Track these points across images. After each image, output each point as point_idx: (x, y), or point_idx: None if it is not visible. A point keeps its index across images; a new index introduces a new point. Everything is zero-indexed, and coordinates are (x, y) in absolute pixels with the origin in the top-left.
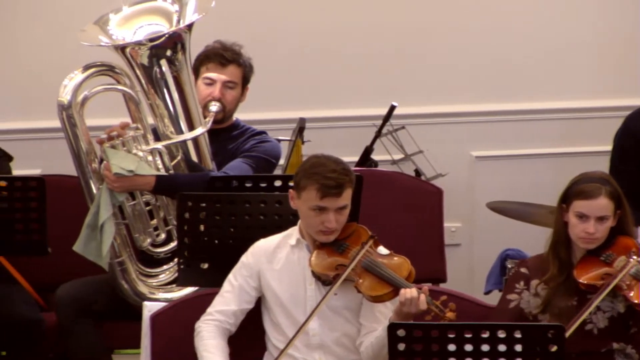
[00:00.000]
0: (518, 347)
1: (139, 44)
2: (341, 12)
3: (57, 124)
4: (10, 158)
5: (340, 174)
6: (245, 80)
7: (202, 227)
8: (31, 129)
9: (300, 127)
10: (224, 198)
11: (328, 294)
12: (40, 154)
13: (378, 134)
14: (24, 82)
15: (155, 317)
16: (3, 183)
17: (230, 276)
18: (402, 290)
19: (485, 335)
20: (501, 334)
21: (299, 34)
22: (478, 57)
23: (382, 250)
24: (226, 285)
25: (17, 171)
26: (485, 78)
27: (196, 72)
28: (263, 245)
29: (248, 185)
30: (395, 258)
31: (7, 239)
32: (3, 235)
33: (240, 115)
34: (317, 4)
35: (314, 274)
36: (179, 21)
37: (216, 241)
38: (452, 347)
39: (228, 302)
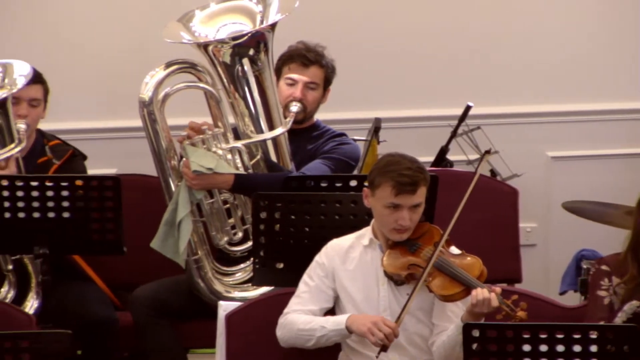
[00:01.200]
0: (593, 348)
1: (221, 42)
2: (418, 13)
3: (133, 123)
4: (84, 157)
5: (415, 171)
6: (327, 81)
7: (277, 227)
8: (107, 129)
9: (376, 127)
10: (299, 198)
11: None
12: (116, 153)
13: (454, 134)
14: (100, 81)
15: (231, 317)
16: (79, 182)
17: (306, 277)
18: (474, 291)
19: (561, 335)
20: (576, 335)
21: (376, 35)
22: (554, 57)
23: (454, 250)
24: (302, 286)
25: (92, 171)
26: (561, 78)
27: (278, 72)
28: (336, 245)
29: (324, 185)
30: (468, 258)
31: (83, 238)
32: (79, 235)
33: (317, 115)
34: (395, 6)
35: (386, 273)
36: (262, 21)
37: (291, 241)
38: (526, 348)
39: (305, 302)
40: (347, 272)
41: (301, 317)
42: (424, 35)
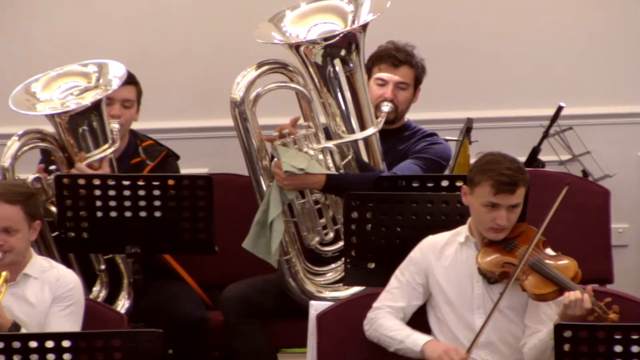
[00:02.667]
0: None
1: (313, 42)
2: (509, 14)
3: (225, 122)
4: (177, 157)
5: (515, 171)
6: (418, 81)
7: (369, 227)
8: (199, 128)
9: (468, 127)
10: (391, 198)
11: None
12: (208, 153)
13: (545, 135)
14: (193, 81)
15: (322, 317)
16: (171, 182)
17: (398, 272)
18: (567, 293)
19: None
20: None
21: (468, 35)
22: None
23: (549, 251)
24: (393, 282)
25: (185, 170)
26: None
27: (369, 72)
28: (432, 241)
29: (415, 185)
30: (563, 259)
31: (175, 237)
32: (171, 234)
33: (409, 115)
34: (485, 6)
35: (480, 271)
36: (353, 21)
37: (383, 241)
38: (618, 349)
39: (395, 299)
40: (442, 268)
41: (388, 322)
42: (515, 36)
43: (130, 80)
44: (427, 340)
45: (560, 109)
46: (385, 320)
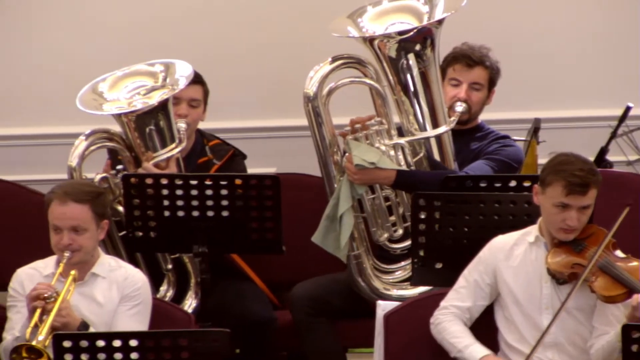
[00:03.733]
0: None
1: (387, 36)
2: (576, 14)
3: (293, 122)
4: (244, 156)
5: (588, 173)
6: (492, 82)
7: (436, 227)
8: (267, 127)
9: (536, 128)
10: (458, 198)
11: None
12: (275, 152)
13: (613, 135)
14: (261, 81)
15: (389, 316)
16: (238, 181)
17: (466, 271)
18: (636, 295)
19: None
20: None
21: (535, 36)
22: None
23: (619, 253)
24: (461, 281)
25: (252, 169)
26: None
27: (443, 72)
28: (501, 241)
29: (482, 185)
30: (633, 262)
31: (242, 237)
32: (238, 234)
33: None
34: (552, 7)
35: (549, 271)
36: (429, 20)
37: (450, 241)
38: None
39: (462, 298)
40: (510, 268)
41: (453, 327)
42: (583, 35)
43: (197, 79)
44: (483, 355)
45: (628, 109)
46: (450, 324)
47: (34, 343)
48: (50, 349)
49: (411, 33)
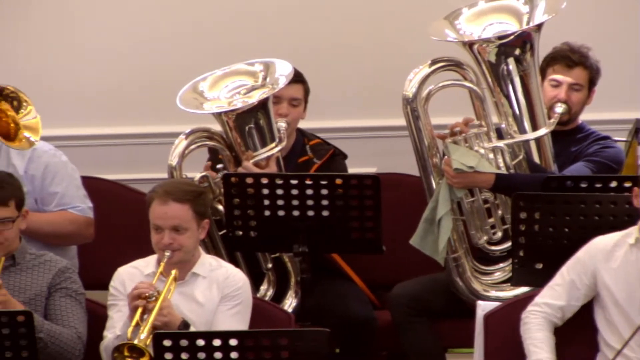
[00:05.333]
0: None
1: (487, 41)
2: None
3: (393, 122)
4: (344, 156)
5: None
6: (592, 83)
7: (536, 227)
8: (367, 127)
9: (637, 128)
10: (559, 198)
11: None
12: (376, 152)
13: None
14: (362, 81)
15: (489, 317)
16: (339, 181)
17: (564, 269)
18: None
19: None
20: None
21: (636, 35)
22: None
23: None
24: (557, 278)
25: (352, 169)
26: None
27: (542, 73)
28: (600, 242)
29: (583, 185)
30: None
31: (342, 237)
32: (338, 233)
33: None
34: None
35: None
36: (528, 21)
37: (550, 241)
38: None
39: (556, 296)
40: (611, 270)
41: (536, 333)
42: None
43: (298, 78)
44: None
45: None
46: (536, 328)
47: (135, 342)
48: (151, 347)
49: (511, 37)
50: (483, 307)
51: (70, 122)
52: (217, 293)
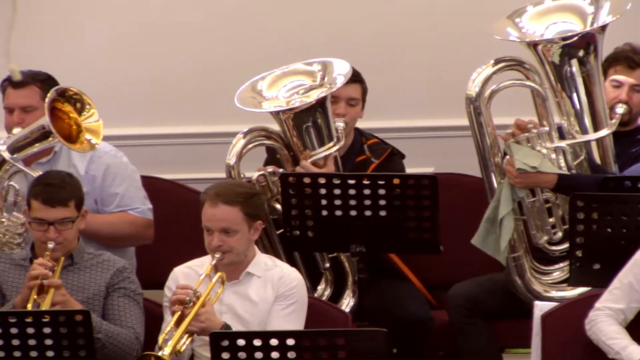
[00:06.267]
0: None
1: (550, 41)
2: None
3: (451, 122)
4: (402, 156)
5: None
6: None
7: (594, 228)
8: (425, 127)
9: None
10: (616, 199)
11: None
12: (433, 151)
13: None
14: (420, 80)
15: (546, 317)
16: (396, 181)
17: (621, 273)
18: None
19: None
20: None
21: None
22: None
23: None
24: (615, 282)
25: (410, 169)
26: None
27: (604, 73)
28: None
29: None
30: None
31: (399, 236)
32: (396, 233)
33: None
34: None
35: None
36: (592, 22)
37: (608, 242)
38: None
39: (616, 300)
40: None
41: (608, 327)
42: None
43: (356, 78)
44: None
45: None
46: (605, 324)
47: (160, 353)
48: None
49: (575, 38)
50: (540, 308)
51: (130, 121)
52: (271, 292)
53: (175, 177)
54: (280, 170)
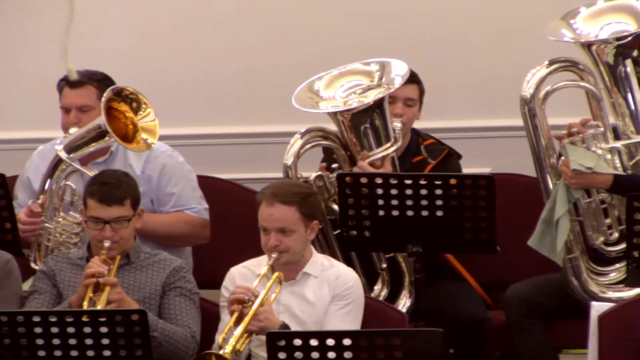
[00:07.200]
0: None
1: (605, 42)
2: None
3: (508, 122)
4: (459, 156)
5: None
6: None
7: None
8: (482, 127)
9: None
10: None
11: None
12: (490, 152)
13: None
14: (475, 82)
15: (603, 318)
16: (453, 181)
17: None
18: None
19: None
20: None
21: None
22: None
23: None
24: None
25: (467, 170)
26: None
27: None
28: None
29: None
30: None
31: (456, 237)
32: (452, 234)
33: None
34: None
35: None
36: None
37: None
38: None
39: None
40: None
41: None
42: None
43: (413, 79)
44: None
45: None
46: None
47: (221, 352)
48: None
49: (629, 39)
50: (597, 308)
51: (187, 121)
52: (328, 292)
53: (232, 177)
54: (335, 165)
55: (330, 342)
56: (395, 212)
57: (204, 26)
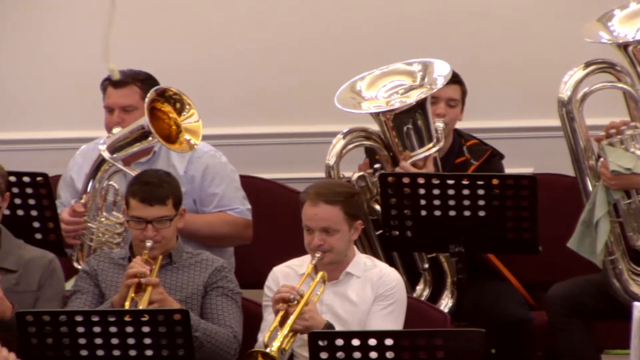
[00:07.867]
0: None
1: None
2: None
3: (551, 122)
4: (501, 156)
5: None
6: None
7: None
8: (524, 127)
9: None
10: None
11: None
12: (532, 152)
13: None
14: (519, 82)
15: None
16: (495, 181)
17: None
18: None
19: None
20: None
21: None
22: None
23: None
24: None
25: (509, 170)
26: None
27: None
28: None
29: None
30: None
31: (498, 237)
32: (494, 234)
33: None
34: None
35: None
36: None
37: None
38: None
39: None
40: None
41: None
42: None
43: (455, 79)
44: None
45: None
46: None
47: (268, 350)
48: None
49: None
50: (639, 308)
51: (229, 120)
52: (370, 292)
53: (274, 177)
54: (377, 166)
55: (372, 342)
56: (437, 212)
57: (248, 26)
